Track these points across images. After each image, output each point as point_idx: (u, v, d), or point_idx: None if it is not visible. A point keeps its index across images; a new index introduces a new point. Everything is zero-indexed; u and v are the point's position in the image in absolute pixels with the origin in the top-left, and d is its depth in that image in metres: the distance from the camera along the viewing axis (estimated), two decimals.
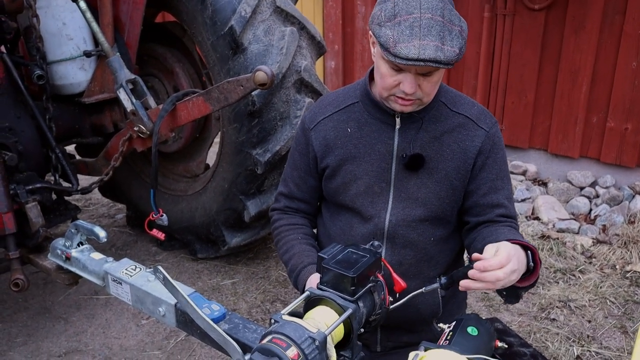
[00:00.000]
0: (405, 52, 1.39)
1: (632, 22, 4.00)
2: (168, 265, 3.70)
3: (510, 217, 1.71)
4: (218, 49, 2.92)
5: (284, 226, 1.85)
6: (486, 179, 1.69)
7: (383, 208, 1.68)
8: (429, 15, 1.40)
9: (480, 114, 1.70)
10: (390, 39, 1.41)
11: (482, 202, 1.69)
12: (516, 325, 3.07)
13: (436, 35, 1.40)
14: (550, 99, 4.52)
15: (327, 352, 1.12)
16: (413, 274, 1.71)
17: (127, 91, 2.89)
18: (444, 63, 1.41)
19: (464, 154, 1.65)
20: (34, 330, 3.09)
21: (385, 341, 1.84)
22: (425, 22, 1.40)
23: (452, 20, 1.44)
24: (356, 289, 1.26)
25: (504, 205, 1.70)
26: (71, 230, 1.68)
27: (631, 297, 3.29)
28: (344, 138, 1.71)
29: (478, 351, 1.20)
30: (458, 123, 1.67)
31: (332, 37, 5.56)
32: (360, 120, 1.70)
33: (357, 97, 1.73)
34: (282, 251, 1.81)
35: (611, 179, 4.36)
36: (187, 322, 1.35)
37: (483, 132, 1.67)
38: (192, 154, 3.76)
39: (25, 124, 2.85)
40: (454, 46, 1.42)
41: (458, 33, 1.44)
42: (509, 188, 1.74)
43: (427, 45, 1.39)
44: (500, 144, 1.71)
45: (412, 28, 1.40)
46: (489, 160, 1.68)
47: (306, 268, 1.66)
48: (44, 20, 2.82)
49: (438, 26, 1.40)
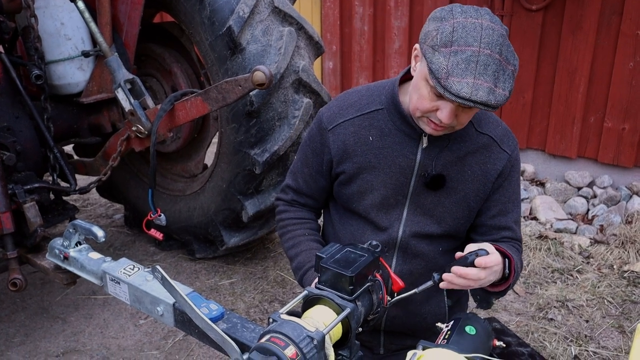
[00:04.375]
0: (457, 88, 1.32)
1: (629, 22, 4.01)
2: (166, 265, 3.69)
3: (515, 239, 1.71)
4: (216, 49, 2.92)
5: (291, 219, 1.81)
6: (498, 201, 1.67)
7: (397, 219, 1.67)
8: (488, 51, 1.32)
9: (504, 136, 1.66)
10: (443, 69, 1.33)
11: (490, 223, 1.69)
12: (514, 324, 3.08)
13: (491, 75, 1.32)
14: (547, 99, 4.53)
15: (325, 351, 1.12)
16: (422, 283, 1.71)
17: (126, 91, 2.89)
18: (493, 107, 1.34)
19: (484, 176, 1.63)
20: (32, 330, 3.09)
21: (388, 344, 1.84)
22: (483, 58, 1.32)
23: (508, 59, 1.36)
24: (354, 289, 1.26)
25: (511, 229, 1.70)
26: (69, 230, 1.68)
27: (629, 297, 3.30)
28: (364, 146, 1.64)
29: (476, 350, 1.20)
30: (482, 144, 1.63)
31: (330, 38, 5.56)
32: (384, 130, 1.63)
33: (383, 103, 1.65)
34: (287, 245, 1.78)
35: (609, 179, 4.37)
36: (185, 322, 1.35)
37: (506, 156, 1.65)
38: (191, 153, 3.75)
39: (24, 123, 2.85)
40: (505, 89, 1.35)
41: (511, 73, 1.37)
42: (518, 211, 1.73)
43: (481, 85, 1.32)
44: (518, 167, 1.70)
45: (468, 63, 1.32)
46: (506, 182, 1.66)
47: (313, 269, 1.65)
48: (42, 20, 2.82)
49: (495, 65, 1.33)
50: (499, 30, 1.36)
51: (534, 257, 3.71)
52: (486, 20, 1.36)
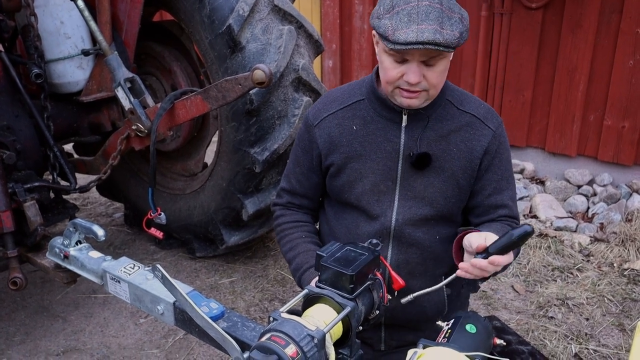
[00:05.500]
0: (403, 37, 1.38)
1: (628, 20, 4.01)
2: (166, 264, 3.69)
3: (512, 217, 1.72)
4: (216, 48, 2.92)
5: (288, 223, 1.84)
6: (491, 179, 1.69)
7: (389, 207, 1.68)
8: (427, 2, 1.40)
9: (487, 113, 1.69)
10: (389, 28, 1.41)
11: (486, 202, 1.70)
12: (514, 323, 3.08)
13: (435, 19, 1.39)
14: (547, 97, 4.53)
15: (326, 349, 1.12)
16: (419, 273, 1.71)
17: (125, 90, 2.89)
18: (444, 45, 1.39)
19: (470, 153, 1.65)
20: (32, 329, 3.09)
21: (389, 340, 1.84)
22: (423, 8, 1.40)
23: (452, 8, 1.43)
24: (355, 287, 1.26)
25: (507, 206, 1.71)
26: (69, 229, 1.68)
27: (629, 295, 3.30)
28: (349, 136, 1.68)
29: (476, 349, 1.20)
30: (465, 122, 1.66)
31: (330, 36, 5.56)
32: (366, 118, 1.68)
33: (363, 94, 1.71)
34: (285, 249, 1.80)
35: (608, 177, 4.37)
36: (185, 321, 1.35)
37: (490, 132, 1.66)
38: (190, 152, 3.75)
39: (24, 122, 2.85)
40: (454, 30, 1.40)
41: (458, 20, 1.42)
42: (512, 188, 1.75)
43: (426, 29, 1.38)
44: (505, 144, 1.71)
45: (410, 15, 1.40)
46: (495, 160, 1.67)
47: (311, 269, 1.66)
48: (42, 19, 2.82)
49: (436, 12, 1.39)
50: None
51: (534, 256, 3.71)
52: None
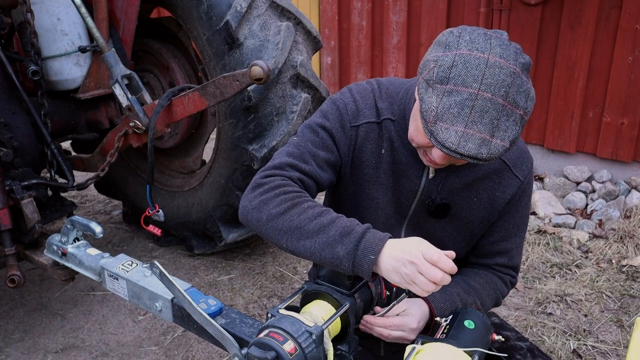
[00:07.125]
0: (443, 136, 1.15)
1: (628, 16, 4.00)
2: (164, 261, 3.69)
3: (510, 267, 1.66)
4: (214, 44, 2.91)
5: (303, 192, 1.42)
6: (502, 226, 1.59)
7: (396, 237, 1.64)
8: (489, 94, 1.14)
9: (518, 158, 1.53)
10: (432, 110, 1.16)
11: (490, 248, 1.63)
12: (513, 319, 3.08)
13: (488, 123, 1.14)
14: (546, 94, 4.52)
15: (324, 345, 1.12)
16: None
17: (123, 87, 2.88)
18: (485, 160, 1.17)
19: (491, 204, 1.53)
20: (31, 327, 3.08)
21: (388, 346, 1.84)
22: (481, 103, 1.14)
23: (516, 102, 1.17)
24: (353, 283, 1.26)
25: (509, 254, 1.63)
26: (67, 226, 1.67)
27: (627, 291, 3.30)
28: (377, 157, 1.50)
29: (475, 345, 1.20)
30: (493, 169, 1.50)
31: (328, 33, 5.55)
32: (394, 145, 1.49)
33: (395, 114, 1.48)
34: (308, 214, 1.31)
35: (607, 173, 4.37)
36: (183, 317, 1.35)
37: (517, 182, 1.52)
38: (188, 149, 3.75)
39: (21, 120, 2.84)
40: (505, 139, 1.17)
41: (518, 119, 1.18)
42: (521, 235, 1.64)
43: (472, 136, 1.14)
44: (529, 192, 1.58)
45: (462, 107, 1.14)
46: (513, 208, 1.56)
47: (371, 229, 1.29)
48: (39, 16, 2.80)
49: (495, 111, 1.14)
50: (508, 68, 1.17)
51: (532, 252, 3.72)
52: (494, 56, 1.18)
